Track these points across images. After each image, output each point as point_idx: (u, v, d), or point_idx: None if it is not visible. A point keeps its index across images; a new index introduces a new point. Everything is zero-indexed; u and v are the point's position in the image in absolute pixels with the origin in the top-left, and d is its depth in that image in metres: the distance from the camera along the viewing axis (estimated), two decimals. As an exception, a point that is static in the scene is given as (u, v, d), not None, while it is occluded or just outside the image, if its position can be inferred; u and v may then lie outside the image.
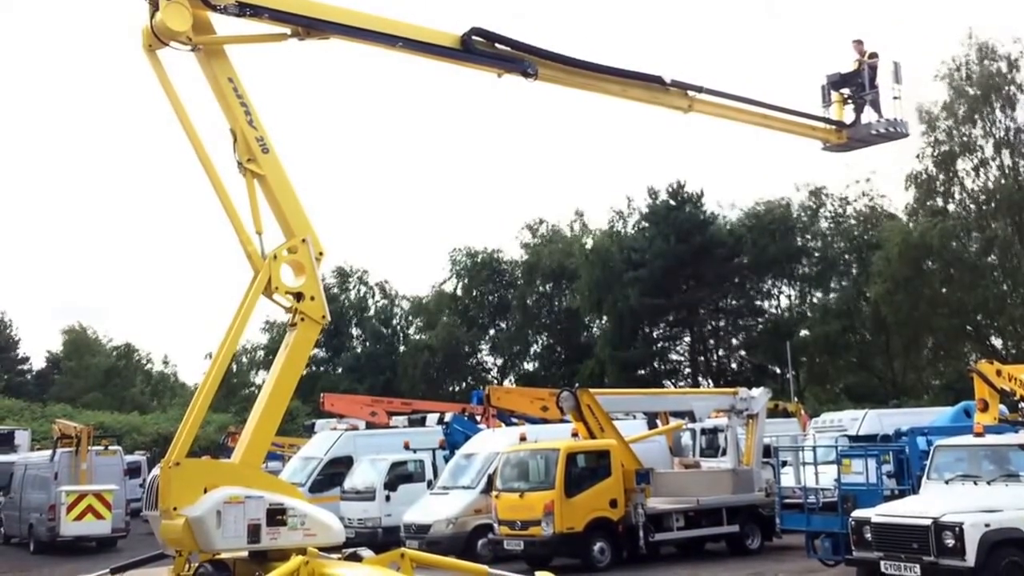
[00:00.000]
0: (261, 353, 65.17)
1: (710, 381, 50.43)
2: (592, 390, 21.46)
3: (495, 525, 20.25)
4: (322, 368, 65.62)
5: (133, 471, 36.84)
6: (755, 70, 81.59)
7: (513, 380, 58.97)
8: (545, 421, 23.02)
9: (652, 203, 53.31)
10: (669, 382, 51.39)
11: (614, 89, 15.87)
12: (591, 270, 51.38)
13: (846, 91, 18.26)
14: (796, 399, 35.01)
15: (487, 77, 14.84)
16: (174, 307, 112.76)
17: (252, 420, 12.76)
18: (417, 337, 62.39)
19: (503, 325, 61.06)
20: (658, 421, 24.90)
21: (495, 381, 58.51)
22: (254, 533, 11.71)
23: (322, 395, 34.30)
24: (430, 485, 23.75)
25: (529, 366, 61.10)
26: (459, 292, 60.43)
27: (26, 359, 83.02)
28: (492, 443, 22.77)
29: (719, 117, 17.10)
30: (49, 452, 29.32)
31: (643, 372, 48.95)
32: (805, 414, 32.66)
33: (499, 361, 62.26)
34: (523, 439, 21.25)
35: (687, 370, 54.08)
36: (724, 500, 21.19)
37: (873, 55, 18.33)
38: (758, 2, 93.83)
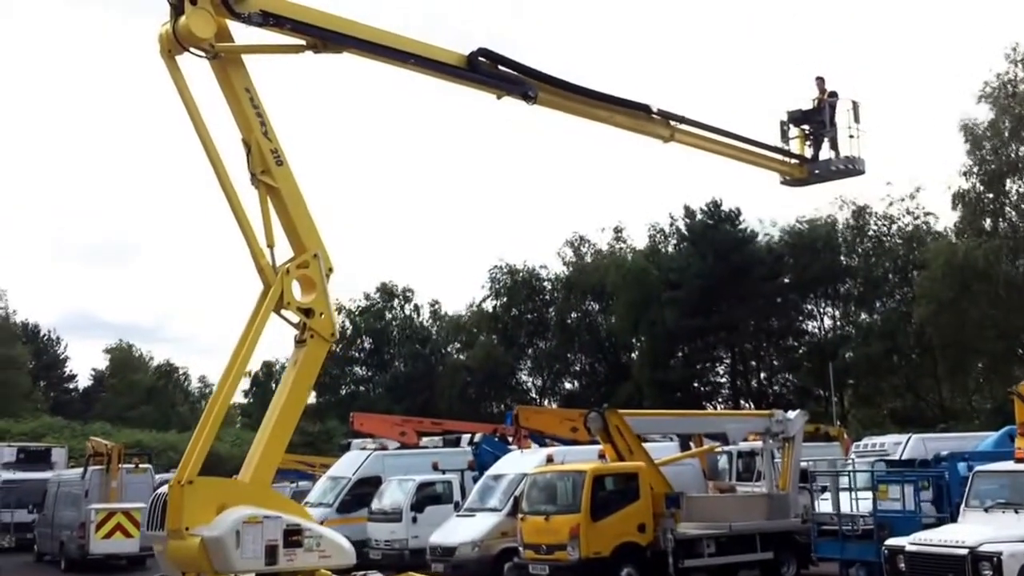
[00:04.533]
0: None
1: (751, 403, 49.52)
2: (621, 411, 20.96)
3: (520, 549, 19.80)
4: (362, 388, 65.57)
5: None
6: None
7: (552, 401, 58.49)
8: (576, 443, 22.53)
9: (689, 222, 52.68)
10: (709, 404, 50.57)
11: (602, 115, 16.24)
12: (628, 291, 50.81)
13: (806, 127, 19.08)
14: (839, 422, 34.14)
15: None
16: (208, 324, 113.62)
17: (261, 438, 12.55)
18: (456, 357, 62.09)
19: (542, 344, 60.59)
20: (691, 444, 24.27)
21: (534, 401, 58.01)
22: (271, 554, 11.53)
23: (352, 415, 34.07)
24: (457, 507, 23.38)
25: (569, 386, 60.55)
26: (498, 310, 60.06)
27: (73, 377, 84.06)
28: (520, 464, 22.34)
29: (696, 148, 17.67)
30: (81, 470, 29.35)
31: (681, 394, 48.14)
32: (848, 438, 31.81)
33: (538, 381, 61.82)
34: (550, 460, 20.81)
35: (727, 392, 53.20)
36: (758, 526, 20.55)
37: (833, 94, 19.08)
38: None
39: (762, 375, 54.07)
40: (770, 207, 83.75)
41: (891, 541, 13.88)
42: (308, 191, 12.90)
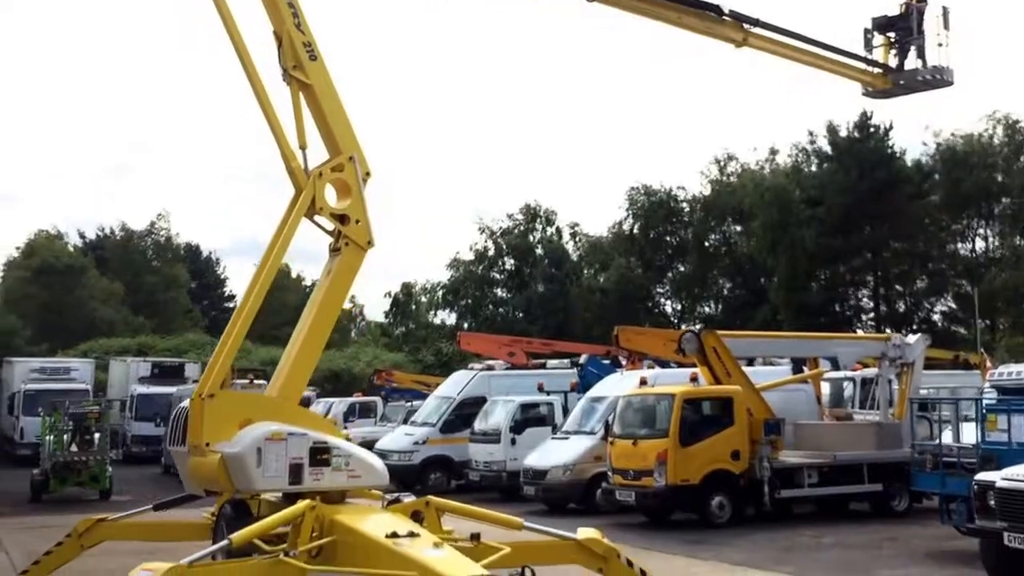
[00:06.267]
0: (441, 293, 65.36)
1: (892, 328, 46.72)
2: (720, 332, 19.68)
3: (609, 473, 19.01)
4: (500, 310, 65.39)
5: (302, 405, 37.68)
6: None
7: (693, 324, 56.86)
8: (681, 365, 21.35)
9: (832, 138, 49.55)
10: (850, 329, 47.93)
11: (671, 16, 15.43)
12: (767, 210, 48.43)
13: (892, 35, 18.06)
14: (982, 350, 31.61)
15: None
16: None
17: (290, 351, 11.96)
18: (592, 279, 61.03)
19: (681, 267, 58.88)
20: (804, 368, 22.70)
21: (673, 325, 56.53)
22: (296, 473, 10.86)
23: (459, 335, 33.68)
24: (555, 429, 22.71)
25: (708, 309, 58.81)
26: (635, 232, 58.53)
27: (232, 296, 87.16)
28: (621, 387, 21.37)
29: (771, 53, 16.82)
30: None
31: (821, 318, 45.77)
32: (990, 366, 29.34)
33: (676, 305, 60.25)
34: (643, 383, 19.78)
35: (870, 316, 50.40)
36: (864, 456, 19.14)
37: None
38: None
39: (908, 299, 50.93)
40: (922, 122, 78.04)
41: (982, 476, 12.34)
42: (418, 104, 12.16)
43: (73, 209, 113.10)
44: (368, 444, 27.56)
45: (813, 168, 51.43)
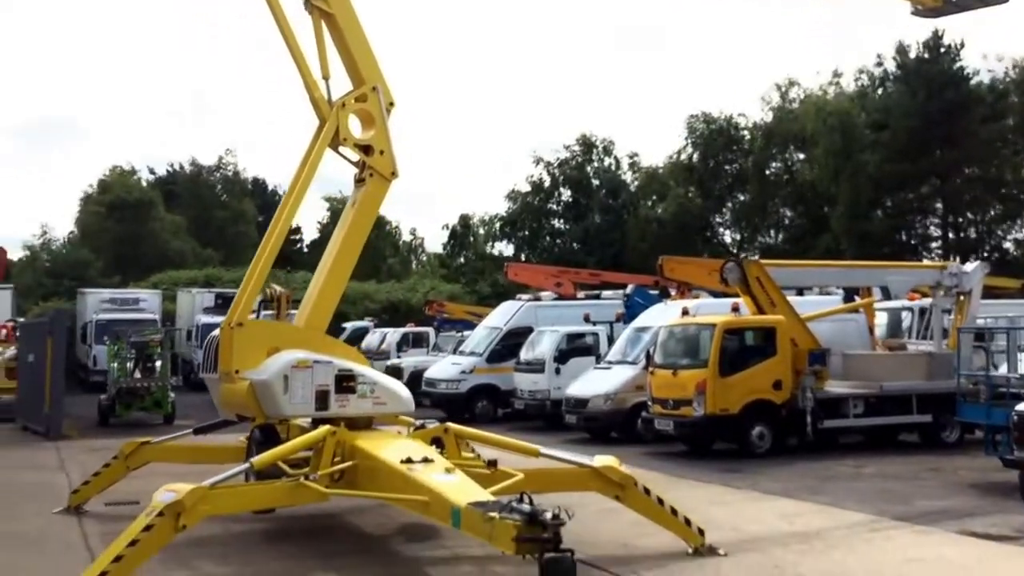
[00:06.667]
0: (498, 224, 65.42)
1: (960, 257, 45.53)
2: (764, 261, 19.40)
3: (649, 403, 18.99)
4: (557, 241, 65.26)
5: (358, 338, 38.31)
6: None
7: (751, 254, 56.11)
8: (725, 295, 21.11)
9: (901, 59, 47.83)
10: (916, 258, 46.77)
11: None
12: (830, 135, 47.12)
13: None
14: (1049, 279, 30.71)
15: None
16: (417, 179, 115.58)
17: (316, 281, 12.12)
18: (650, 209, 60.39)
19: (740, 196, 57.96)
20: (857, 297, 22.29)
21: (732, 255, 55.88)
22: (322, 400, 11.14)
23: (506, 265, 33.59)
24: (599, 359, 22.72)
25: (768, 239, 57.90)
26: (694, 161, 57.64)
27: (298, 229, 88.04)
28: (665, 317, 21.23)
29: None
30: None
31: (885, 248, 44.68)
32: (1060, 296, 28.52)
33: (736, 235, 59.48)
34: (685, 313, 19.61)
35: (937, 245, 49.11)
36: (913, 386, 18.81)
37: None
38: None
39: (979, 227, 49.49)
40: (998, 41, 74.94)
41: (1022, 406, 12.04)
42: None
43: (145, 146, 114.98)
44: (418, 373, 28.24)
45: (879, 94, 49.89)
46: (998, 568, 9.84)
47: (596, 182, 63.69)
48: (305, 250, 78.76)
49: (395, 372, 30.89)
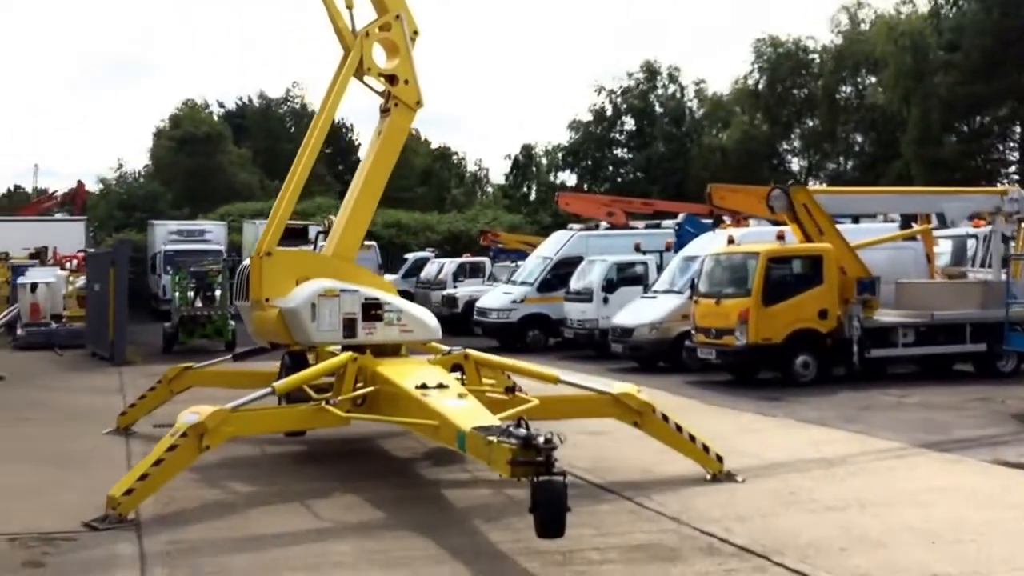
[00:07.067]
0: (561, 154, 65.00)
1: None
2: (812, 188, 19.03)
3: (693, 332, 18.92)
4: (620, 170, 64.67)
5: (418, 268, 38.73)
6: None
7: (819, 181, 54.99)
8: (777, 223, 20.78)
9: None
10: (990, 185, 45.24)
11: None
12: (901, 57, 45.44)
13: None
14: None
15: None
16: (481, 110, 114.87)
17: (344, 212, 12.27)
18: (714, 136, 59.37)
19: (809, 122, 56.54)
20: (914, 225, 21.76)
21: (800, 182, 54.80)
22: (349, 327, 11.32)
23: (557, 194, 33.35)
24: (647, 288, 22.65)
25: (838, 167, 56.59)
26: (761, 87, 56.25)
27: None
28: (713, 246, 21.03)
29: None
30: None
31: (957, 174, 43.25)
32: None
33: (803, 162, 58.16)
34: (731, 242, 19.40)
35: (1014, 171, 47.34)
36: (964, 315, 18.42)
37: None
38: None
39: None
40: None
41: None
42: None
43: (216, 80, 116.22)
44: (473, 303, 28.52)
45: (952, 13, 47.88)
46: (1022, 497, 9.71)
47: (660, 110, 62.74)
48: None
49: (450, 302, 31.40)
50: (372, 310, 11.35)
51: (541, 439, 6.99)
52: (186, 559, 7.49)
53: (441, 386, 9.43)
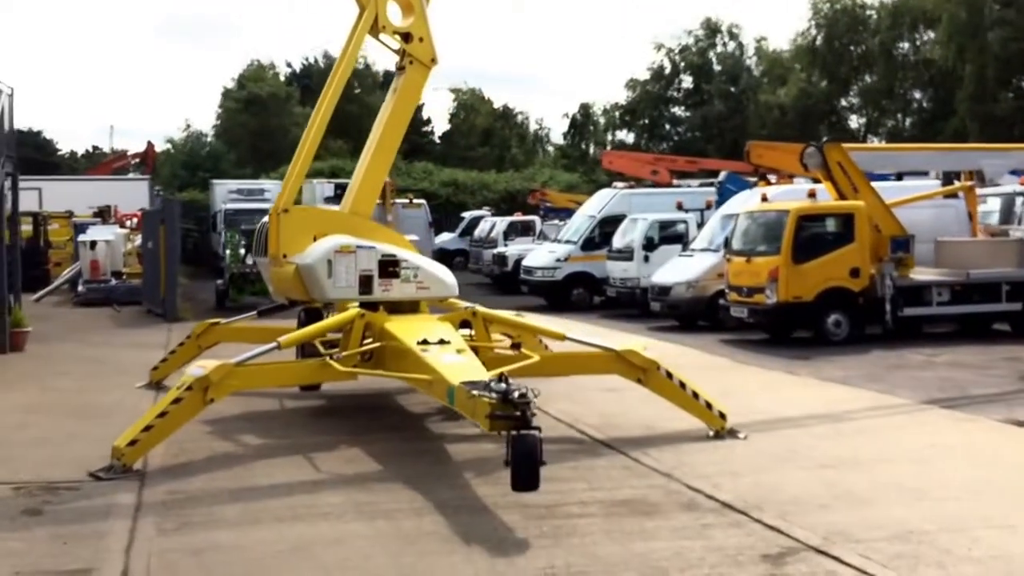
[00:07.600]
0: (618, 113, 64.55)
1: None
2: (846, 145, 18.73)
3: (726, 290, 18.86)
4: (677, 129, 64.07)
5: (474, 227, 38.95)
6: None
7: (877, 139, 53.99)
8: (817, 181, 20.51)
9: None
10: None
11: None
12: (955, 11, 44.26)
13: None
14: None
15: None
16: (543, 69, 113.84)
17: (360, 168, 12.44)
18: (771, 94, 58.40)
19: (867, 79, 55.38)
20: (955, 181, 21.31)
21: (858, 140, 53.81)
22: (365, 284, 11.47)
23: (602, 153, 33.16)
24: (686, 247, 22.58)
25: (895, 123, 55.42)
26: (819, 43, 55.15)
27: (428, 121, 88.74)
28: (749, 204, 20.86)
29: None
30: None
31: (1014, 130, 42.12)
32: None
33: (861, 119, 57.10)
34: (764, 199, 19.22)
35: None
36: (1000, 274, 18.10)
37: None
38: None
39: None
40: None
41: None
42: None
43: (284, 41, 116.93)
44: (521, 260, 28.70)
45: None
46: (1021, 456, 9.62)
47: (718, 68, 61.86)
48: (437, 141, 79.68)
49: (500, 260, 31.61)
50: (389, 267, 11.46)
51: (517, 394, 7.13)
52: (180, 509, 7.73)
53: (443, 342, 9.60)
